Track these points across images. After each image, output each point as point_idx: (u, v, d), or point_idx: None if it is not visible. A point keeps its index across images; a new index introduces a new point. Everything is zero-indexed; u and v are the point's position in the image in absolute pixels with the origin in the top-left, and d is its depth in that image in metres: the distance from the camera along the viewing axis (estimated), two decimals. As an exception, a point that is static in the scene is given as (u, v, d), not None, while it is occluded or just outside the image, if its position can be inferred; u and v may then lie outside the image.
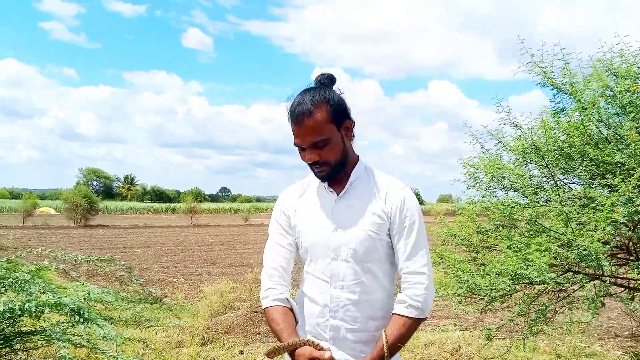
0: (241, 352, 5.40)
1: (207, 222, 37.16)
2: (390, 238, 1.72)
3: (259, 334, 6.02)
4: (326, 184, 1.77)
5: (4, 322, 3.39)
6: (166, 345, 5.53)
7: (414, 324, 1.64)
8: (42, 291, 3.35)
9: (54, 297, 3.06)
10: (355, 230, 1.69)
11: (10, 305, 2.74)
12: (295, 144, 1.69)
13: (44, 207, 44.99)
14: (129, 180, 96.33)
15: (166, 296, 8.43)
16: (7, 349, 3.61)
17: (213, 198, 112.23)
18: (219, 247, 18.07)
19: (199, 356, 5.24)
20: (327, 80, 1.72)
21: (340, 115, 1.68)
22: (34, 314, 3.23)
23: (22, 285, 3.28)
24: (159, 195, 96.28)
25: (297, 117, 1.64)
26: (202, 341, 5.70)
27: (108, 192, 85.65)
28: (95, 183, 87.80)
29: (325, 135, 1.64)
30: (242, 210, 50.61)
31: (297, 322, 1.72)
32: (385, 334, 1.61)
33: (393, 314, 1.66)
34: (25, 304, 2.81)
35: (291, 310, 1.71)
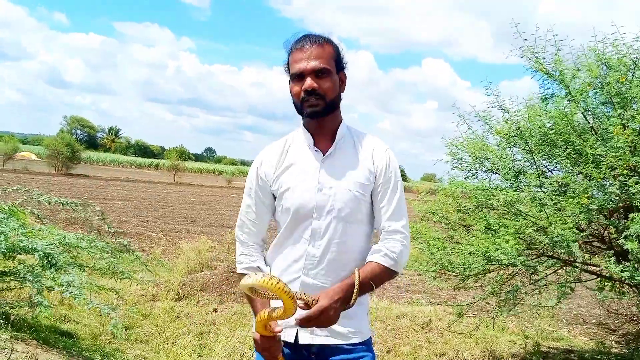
0: (215, 310, 5.45)
1: (190, 181, 37.02)
2: (371, 198, 1.74)
3: (234, 293, 6.06)
4: (312, 143, 1.75)
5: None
6: (140, 298, 5.56)
7: (386, 273, 1.69)
8: (15, 232, 3.31)
9: (25, 239, 3.03)
10: (341, 190, 1.69)
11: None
12: (293, 74, 1.68)
13: (25, 152, 44.40)
14: (114, 132, 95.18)
15: (143, 250, 8.43)
16: (-20, 289, 3.59)
17: (198, 157, 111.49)
18: (200, 207, 18.05)
19: (173, 311, 5.28)
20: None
21: (341, 61, 1.73)
22: (6, 254, 3.20)
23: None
24: (143, 150, 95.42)
25: (306, 41, 1.67)
26: (177, 296, 5.74)
27: (91, 142, 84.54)
28: (79, 132, 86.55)
29: (329, 65, 1.67)
30: (226, 172, 50.43)
31: None
32: (358, 272, 1.64)
33: (368, 261, 1.69)
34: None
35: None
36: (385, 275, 1.69)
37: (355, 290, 1.60)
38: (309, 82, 1.65)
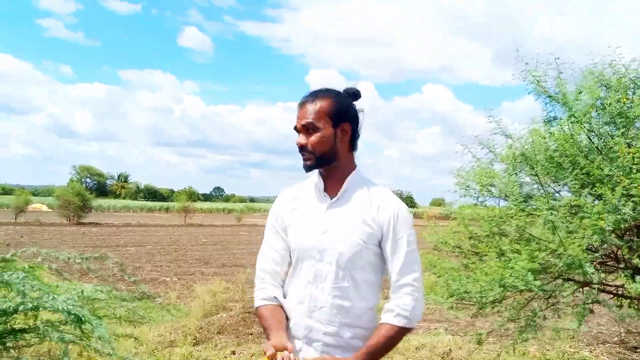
0: (233, 353, 5.43)
1: (200, 221, 37.10)
2: (380, 249, 1.76)
3: (251, 334, 6.04)
4: (322, 188, 1.81)
5: (-3, 319, 3.40)
6: (159, 344, 5.55)
7: (400, 332, 1.69)
8: (35, 290, 3.37)
9: (47, 297, 3.08)
10: (343, 235, 1.72)
11: (6, 305, 2.77)
12: (294, 128, 1.79)
13: (36, 204, 44.71)
14: (123, 178, 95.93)
15: (159, 295, 8.44)
16: (0, 347, 3.62)
17: (206, 197, 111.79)
18: (212, 247, 18.06)
19: (191, 356, 5.26)
20: (350, 91, 1.82)
21: (340, 114, 1.76)
22: (29, 313, 3.24)
23: (16, 284, 3.30)
24: (153, 194, 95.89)
25: (302, 99, 1.78)
26: (195, 341, 5.72)
27: (101, 190, 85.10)
28: (88, 180, 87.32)
29: (317, 122, 1.73)
30: (235, 210, 50.57)
31: (288, 319, 1.78)
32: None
33: (380, 322, 1.71)
34: (20, 305, 2.84)
35: (281, 307, 1.78)
36: (399, 334, 1.70)
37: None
38: (298, 138, 1.77)
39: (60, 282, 4.13)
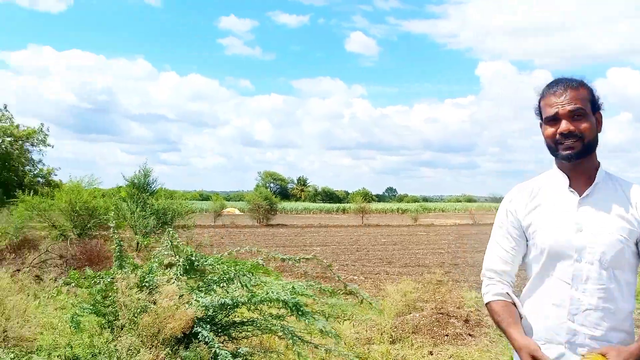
0: (430, 353, 5.41)
1: (376, 221, 37.73)
2: (637, 248, 1.64)
3: (446, 335, 5.97)
4: (568, 184, 1.71)
5: (222, 312, 3.81)
6: (356, 341, 5.75)
7: None
8: (254, 284, 3.71)
9: (272, 292, 3.36)
10: (603, 233, 1.62)
11: (241, 299, 3.09)
12: (547, 118, 1.70)
13: (229, 208, 49.18)
14: (302, 182, 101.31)
15: (352, 292, 8.75)
16: (225, 337, 4.05)
17: (380, 198, 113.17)
18: (392, 247, 18.24)
19: (389, 354, 5.35)
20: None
21: (596, 103, 1.71)
22: (253, 307, 3.57)
23: (241, 278, 3.66)
24: (329, 196, 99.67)
25: (561, 85, 1.69)
26: (391, 339, 5.82)
27: (284, 194, 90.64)
28: (272, 185, 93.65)
29: (585, 107, 1.67)
30: (410, 210, 50.62)
31: (520, 317, 1.73)
32: None
33: None
34: (251, 298, 3.15)
35: (513, 304, 1.74)
36: None
37: None
38: (564, 125, 1.65)
39: (269, 278, 4.49)
